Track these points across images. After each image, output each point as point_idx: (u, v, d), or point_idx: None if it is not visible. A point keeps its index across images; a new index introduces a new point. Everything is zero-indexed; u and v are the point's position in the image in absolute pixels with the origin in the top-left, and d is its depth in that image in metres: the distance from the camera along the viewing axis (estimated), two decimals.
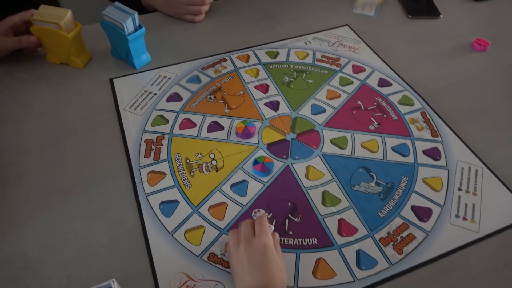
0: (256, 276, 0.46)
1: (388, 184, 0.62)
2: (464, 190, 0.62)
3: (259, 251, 0.47)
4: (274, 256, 0.48)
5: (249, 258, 0.47)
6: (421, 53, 0.87)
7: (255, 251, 0.48)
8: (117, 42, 0.79)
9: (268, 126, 0.70)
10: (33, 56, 0.82)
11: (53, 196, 0.60)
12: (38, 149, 0.66)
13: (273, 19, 0.95)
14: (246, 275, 0.46)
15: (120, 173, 0.63)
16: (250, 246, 0.48)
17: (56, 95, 0.76)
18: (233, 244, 0.50)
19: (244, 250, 0.48)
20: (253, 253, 0.47)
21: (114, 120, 0.71)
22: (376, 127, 0.70)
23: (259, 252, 0.47)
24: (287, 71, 0.81)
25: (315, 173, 0.63)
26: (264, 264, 0.47)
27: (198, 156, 0.65)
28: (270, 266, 0.47)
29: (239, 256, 0.48)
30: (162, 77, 0.79)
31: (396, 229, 0.57)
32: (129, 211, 0.58)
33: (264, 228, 0.50)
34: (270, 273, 0.46)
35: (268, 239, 0.49)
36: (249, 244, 0.48)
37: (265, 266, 0.46)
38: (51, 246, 0.55)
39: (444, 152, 0.67)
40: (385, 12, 0.98)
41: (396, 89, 0.78)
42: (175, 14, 0.93)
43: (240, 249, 0.48)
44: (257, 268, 0.46)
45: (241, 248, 0.48)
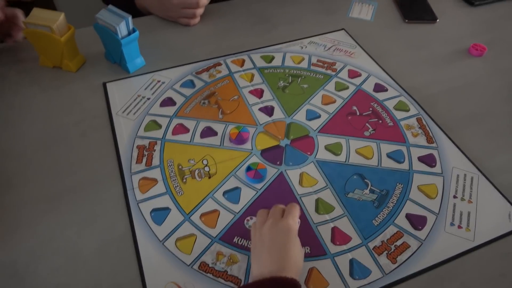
0: (275, 255, 0.47)
1: (383, 192, 0.61)
2: (459, 197, 0.61)
3: (283, 231, 0.48)
4: (296, 240, 0.49)
5: (272, 236, 0.48)
6: (418, 58, 0.86)
7: (280, 230, 0.48)
8: (111, 46, 0.78)
9: (262, 132, 0.69)
10: (26, 59, 0.81)
11: (43, 202, 0.59)
12: (29, 154, 0.66)
13: (269, 23, 0.94)
14: (266, 252, 0.47)
15: (111, 180, 0.62)
16: (275, 224, 0.49)
17: (48, 99, 0.75)
18: (260, 221, 0.51)
19: (269, 227, 0.49)
20: (277, 232, 0.48)
21: (107, 125, 0.70)
22: (371, 133, 0.70)
23: (283, 233, 0.48)
24: (282, 75, 0.80)
25: (309, 180, 0.62)
26: (285, 245, 0.47)
27: (191, 162, 0.64)
28: (290, 248, 0.47)
29: (263, 232, 0.49)
30: (156, 81, 0.78)
31: (390, 238, 0.56)
32: (119, 219, 0.57)
33: (293, 212, 0.51)
34: (288, 254, 0.47)
35: (294, 223, 0.50)
36: (275, 223, 0.49)
37: (285, 247, 0.47)
38: (40, 254, 0.54)
39: (440, 158, 0.66)
40: (381, 16, 0.97)
41: (391, 94, 0.77)
42: (170, 17, 0.92)
43: (266, 225, 0.49)
44: (277, 248, 0.47)
45: (267, 225, 0.49)
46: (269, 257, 0.47)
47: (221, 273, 0.52)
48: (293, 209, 0.52)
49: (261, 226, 0.50)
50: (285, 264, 0.46)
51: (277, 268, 0.45)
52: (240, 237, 0.55)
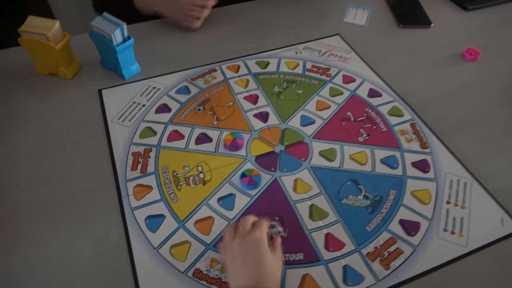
0: (250, 269, 0.47)
1: (376, 197, 0.62)
2: (452, 203, 0.62)
3: (253, 245, 0.48)
4: (267, 251, 0.48)
5: (242, 251, 0.48)
6: (412, 62, 0.87)
7: (249, 244, 0.48)
8: (106, 53, 0.79)
9: (257, 138, 0.70)
10: (21, 66, 0.82)
11: (38, 210, 0.59)
12: (24, 161, 0.66)
13: (265, 28, 0.94)
14: (240, 268, 0.47)
15: (106, 187, 0.62)
16: (244, 239, 0.49)
17: (44, 106, 0.75)
18: (229, 238, 0.50)
19: (238, 244, 0.48)
20: (246, 246, 0.48)
21: (102, 132, 0.70)
22: (365, 139, 0.70)
23: (253, 247, 0.48)
24: (277, 81, 0.81)
25: (303, 186, 0.63)
26: (257, 258, 0.47)
27: (186, 169, 0.64)
28: (263, 259, 0.47)
29: (234, 249, 0.49)
30: (151, 88, 0.78)
31: (383, 244, 0.57)
32: (114, 226, 0.58)
33: (260, 224, 0.51)
34: (263, 266, 0.47)
35: (261, 234, 0.49)
36: (243, 238, 0.49)
37: (258, 260, 0.47)
38: (35, 262, 0.54)
39: (433, 164, 0.67)
40: (376, 21, 0.98)
41: (386, 99, 0.77)
42: (174, 16, 0.90)
43: (235, 242, 0.49)
44: (250, 262, 0.47)
45: (236, 242, 0.49)
46: (245, 272, 0.47)
47: (215, 280, 0.52)
48: (261, 221, 0.51)
49: (231, 243, 0.49)
50: (261, 277, 0.46)
51: (255, 282, 0.45)
52: None
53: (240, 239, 0.49)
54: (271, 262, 0.48)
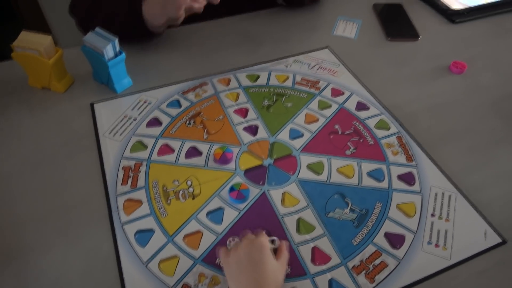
0: (252, 272, 0.49)
1: (363, 211, 0.63)
2: (437, 216, 0.63)
3: (258, 249, 0.51)
4: (270, 255, 0.51)
5: (247, 254, 0.50)
6: (399, 75, 0.88)
7: (254, 248, 0.51)
8: (98, 67, 0.80)
9: (246, 152, 0.71)
10: (14, 80, 0.83)
11: (29, 224, 0.60)
12: (16, 174, 0.67)
13: (255, 41, 0.96)
14: (243, 271, 0.49)
15: (97, 201, 0.63)
16: (250, 243, 0.52)
17: (36, 120, 0.76)
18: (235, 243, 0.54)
19: (244, 246, 0.51)
20: (252, 249, 0.51)
21: (93, 146, 0.71)
22: (352, 152, 0.71)
23: (257, 250, 0.51)
24: (267, 94, 0.82)
25: (291, 200, 0.64)
26: (261, 262, 0.50)
27: (175, 183, 0.65)
28: (266, 263, 0.50)
29: (239, 252, 0.51)
30: (142, 102, 0.80)
31: (368, 257, 0.58)
32: (104, 240, 0.58)
33: (262, 232, 0.55)
34: (265, 271, 0.49)
35: (266, 240, 0.53)
36: (249, 240, 0.52)
37: (261, 264, 0.49)
38: (24, 277, 0.55)
39: (419, 177, 0.68)
40: (365, 34, 1.00)
41: (373, 113, 0.79)
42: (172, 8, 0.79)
43: (241, 245, 0.52)
44: (253, 265, 0.49)
45: (242, 245, 0.52)
46: (247, 275, 0.49)
47: None
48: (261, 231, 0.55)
49: (236, 248, 0.52)
50: (263, 280, 0.48)
51: (257, 284, 0.47)
52: None
53: (247, 241, 0.52)
54: (274, 266, 0.50)
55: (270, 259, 0.51)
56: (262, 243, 0.52)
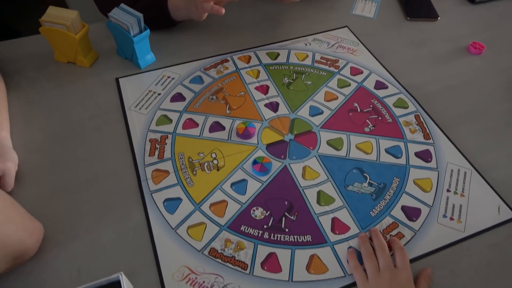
0: None
1: (381, 185, 0.65)
2: (452, 191, 0.65)
3: (403, 285, 0.52)
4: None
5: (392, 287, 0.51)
6: (418, 55, 0.89)
7: (400, 284, 0.52)
8: (123, 43, 0.82)
9: (268, 127, 0.73)
10: (41, 55, 0.85)
11: (63, 193, 0.63)
12: (47, 147, 0.70)
13: (275, 20, 0.97)
14: None
15: (126, 171, 0.66)
16: (394, 276, 0.52)
17: (64, 94, 0.79)
18: (373, 267, 0.54)
19: (389, 278, 0.52)
20: (397, 285, 0.51)
21: (120, 119, 0.74)
22: (371, 129, 0.73)
23: (402, 286, 0.51)
24: (286, 72, 0.84)
25: (311, 173, 0.66)
26: None
27: (200, 156, 0.68)
28: None
29: (383, 282, 0.52)
30: (166, 77, 0.82)
31: (386, 228, 0.60)
32: (135, 208, 0.62)
33: (406, 262, 0.54)
34: None
35: (410, 275, 0.53)
36: (393, 273, 0.52)
37: None
38: (61, 240, 0.58)
39: (435, 154, 0.70)
40: (384, 14, 1.00)
41: (391, 91, 0.80)
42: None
43: (385, 276, 0.52)
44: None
45: (386, 275, 0.52)
46: None
47: (229, 258, 0.56)
48: (404, 256, 0.55)
49: (376, 273, 0.53)
50: None
51: None
52: (247, 225, 0.60)
53: (391, 273, 0.52)
54: None
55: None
56: (409, 279, 0.52)
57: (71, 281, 0.55)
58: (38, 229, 0.56)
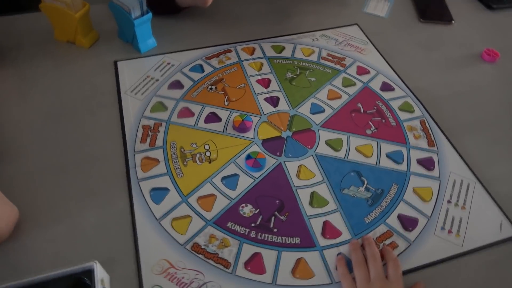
0: None
1: (378, 191, 0.62)
2: (453, 203, 0.62)
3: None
4: None
5: None
6: (429, 59, 0.86)
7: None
8: (124, 25, 0.79)
9: (265, 122, 0.70)
10: (41, 32, 0.83)
11: (48, 173, 0.61)
12: (39, 125, 0.68)
13: (283, 12, 0.94)
14: None
15: (115, 157, 0.64)
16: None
17: (60, 74, 0.77)
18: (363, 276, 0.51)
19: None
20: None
21: (115, 103, 0.72)
22: (373, 132, 0.70)
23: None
24: (290, 67, 0.81)
25: (307, 173, 0.64)
26: None
27: (193, 146, 0.66)
28: None
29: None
30: (166, 63, 0.79)
31: (379, 236, 0.58)
32: (120, 195, 0.60)
33: (399, 274, 0.52)
34: None
35: None
36: (384, 285, 0.50)
37: None
38: (42, 222, 0.56)
39: (439, 162, 0.67)
40: (396, 14, 0.97)
41: (398, 94, 0.77)
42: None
43: (375, 287, 0.50)
44: None
45: (376, 286, 0.50)
46: None
47: (212, 255, 0.54)
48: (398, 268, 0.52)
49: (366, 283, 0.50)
50: None
51: None
52: (234, 222, 0.57)
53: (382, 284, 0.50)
54: None
55: None
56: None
57: (47, 264, 0.53)
58: (9, 214, 0.54)
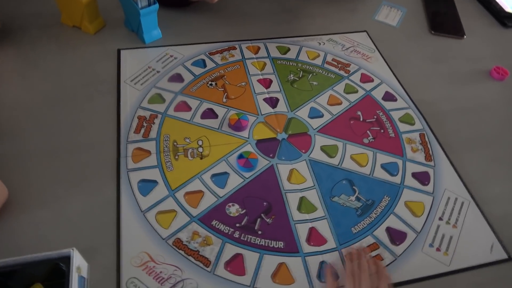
0: None
1: (369, 201, 0.61)
2: (445, 220, 0.61)
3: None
4: None
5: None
6: (435, 71, 0.84)
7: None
8: (130, 14, 0.79)
9: (262, 122, 0.70)
10: (48, 14, 0.83)
11: (40, 156, 0.61)
12: (36, 108, 0.68)
13: (291, 13, 0.93)
14: None
15: (107, 145, 0.64)
16: None
17: (63, 58, 0.77)
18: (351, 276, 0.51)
19: None
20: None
21: (113, 91, 0.72)
22: (370, 141, 0.69)
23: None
24: (293, 69, 0.80)
25: (298, 177, 0.63)
26: None
27: (186, 141, 0.65)
28: None
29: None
30: (168, 56, 0.79)
31: (365, 247, 0.56)
32: (108, 183, 0.59)
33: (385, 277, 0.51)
34: None
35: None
36: None
37: None
38: (28, 205, 0.56)
39: (434, 178, 0.65)
40: (408, 24, 0.95)
41: (399, 105, 0.76)
42: None
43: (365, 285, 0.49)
44: None
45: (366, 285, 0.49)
46: None
47: (193, 252, 0.53)
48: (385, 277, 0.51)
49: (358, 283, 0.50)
50: None
51: None
52: (219, 221, 0.57)
53: None
54: None
55: None
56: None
57: (29, 247, 0.52)
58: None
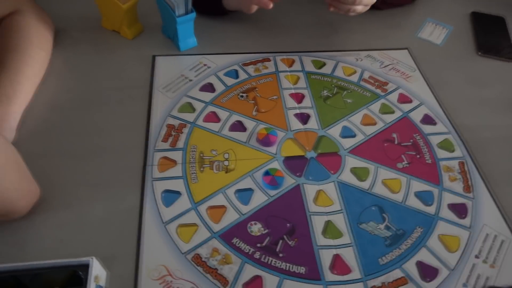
0: None
1: (399, 231, 0.58)
2: (482, 259, 0.56)
3: None
4: None
5: None
6: (480, 96, 0.79)
7: None
8: (168, 21, 0.80)
9: (291, 139, 0.68)
10: (89, 18, 0.85)
11: (67, 157, 0.62)
12: (68, 109, 0.69)
13: (330, 27, 0.90)
14: None
15: (134, 151, 0.64)
16: None
17: (100, 60, 0.78)
18: None
19: None
20: None
21: (145, 97, 0.72)
22: (404, 166, 0.65)
23: None
24: (328, 84, 0.77)
25: (325, 200, 0.60)
26: None
27: (213, 153, 0.64)
28: None
29: None
30: (202, 64, 0.79)
31: (392, 282, 0.53)
32: (132, 191, 0.59)
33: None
34: None
35: None
36: None
37: None
38: (54, 206, 0.57)
39: (472, 211, 0.61)
40: (453, 43, 0.90)
41: (439, 129, 0.71)
42: None
43: None
44: None
45: None
46: None
47: (211, 270, 0.52)
48: None
49: None
50: None
51: None
52: (240, 239, 0.55)
53: None
54: None
55: None
56: None
57: (51, 250, 0.53)
58: (32, 192, 0.54)
